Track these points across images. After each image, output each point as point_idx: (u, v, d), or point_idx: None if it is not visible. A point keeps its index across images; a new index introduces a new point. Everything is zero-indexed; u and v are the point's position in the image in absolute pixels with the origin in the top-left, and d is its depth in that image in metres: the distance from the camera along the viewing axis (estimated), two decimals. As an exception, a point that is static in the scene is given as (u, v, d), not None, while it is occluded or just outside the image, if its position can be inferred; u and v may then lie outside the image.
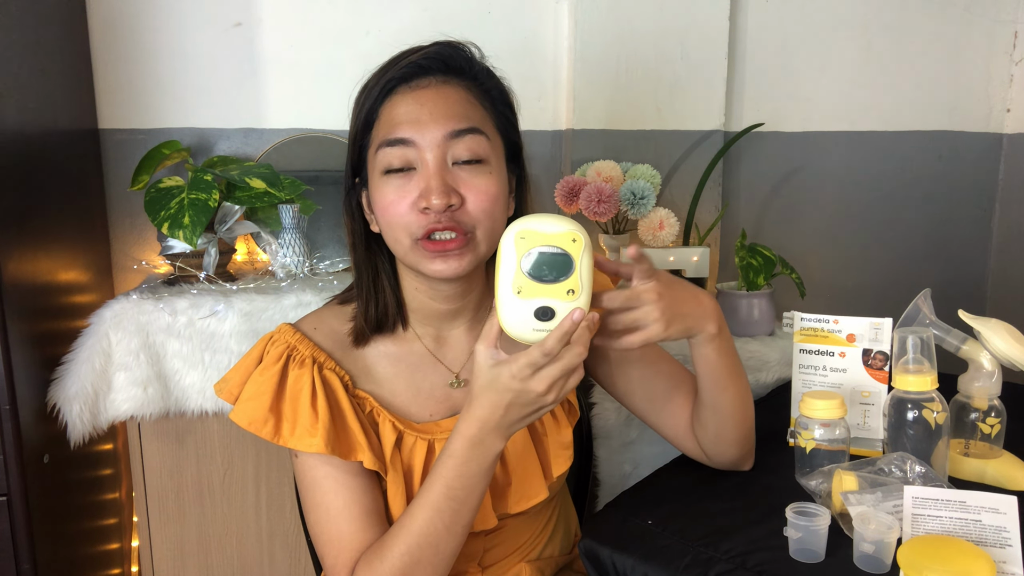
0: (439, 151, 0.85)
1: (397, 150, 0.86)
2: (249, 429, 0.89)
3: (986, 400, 1.01)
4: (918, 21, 2.00)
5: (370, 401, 0.94)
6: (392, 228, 0.87)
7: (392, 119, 0.87)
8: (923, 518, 0.81)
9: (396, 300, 0.96)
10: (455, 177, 0.86)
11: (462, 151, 0.86)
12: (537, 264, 0.76)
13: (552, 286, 0.76)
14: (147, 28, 1.61)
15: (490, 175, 0.88)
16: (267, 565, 1.43)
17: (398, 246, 0.89)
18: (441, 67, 0.89)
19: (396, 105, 0.87)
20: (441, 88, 0.88)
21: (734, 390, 0.94)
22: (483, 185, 0.87)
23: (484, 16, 1.75)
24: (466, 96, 0.89)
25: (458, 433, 0.82)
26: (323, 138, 1.69)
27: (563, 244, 0.76)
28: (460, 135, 0.86)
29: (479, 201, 0.86)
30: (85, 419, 1.28)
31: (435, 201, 0.83)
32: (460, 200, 0.86)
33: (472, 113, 0.88)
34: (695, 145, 1.83)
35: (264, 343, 0.94)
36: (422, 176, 0.85)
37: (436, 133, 0.85)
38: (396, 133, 0.86)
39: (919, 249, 2.13)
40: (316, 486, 0.90)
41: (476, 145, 0.87)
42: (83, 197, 1.56)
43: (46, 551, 1.25)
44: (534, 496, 0.96)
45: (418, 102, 0.87)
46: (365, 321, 0.95)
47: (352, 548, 0.88)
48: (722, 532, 0.89)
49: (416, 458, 0.94)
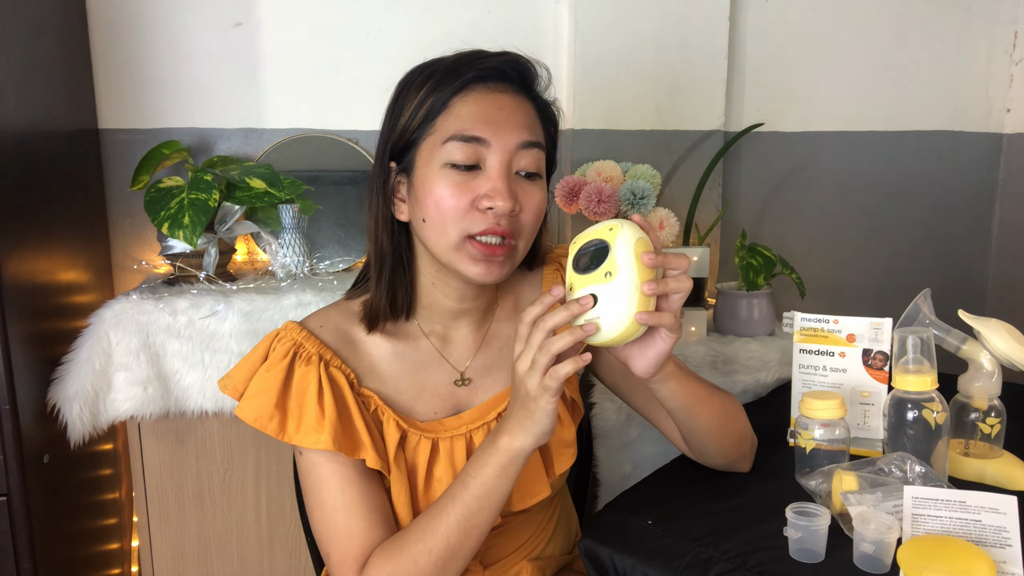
0: (509, 156, 0.87)
1: (470, 147, 0.86)
2: (254, 425, 0.90)
3: (986, 400, 1.01)
4: (918, 21, 2.00)
5: (375, 399, 0.94)
6: (443, 222, 0.87)
7: (469, 115, 0.87)
8: (923, 518, 0.81)
9: (410, 291, 0.96)
10: (516, 185, 0.88)
11: (527, 162, 0.89)
12: (580, 259, 0.80)
13: (593, 274, 0.78)
14: (147, 28, 1.62)
15: (542, 190, 0.91)
16: (267, 565, 1.43)
17: (443, 240, 0.88)
18: (518, 78, 0.91)
19: (474, 102, 0.88)
20: (516, 97, 0.90)
21: (706, 413, 0.94)
22: (537, 198, 0.90)
23: (484, 16, 1.75)
24: (534, 110, 0.92)
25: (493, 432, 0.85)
26: (323, 138, 1.69)
27: (601, 235, 0.79)
28: (529, 147, 0.89)
29: (531, 213, 0.89)
30: (85, 419, 1.28)
31: (501, 204, 0.85)
32: (520, 208, 0.88)
33: (538, 129, 0.91)
34: (695, 145, 1.83)
35: (270, 340, 0.94)
36: (488, 177, 0.87)
37: (511, 139, 0.87)
38: (473, 130, 0.86)
39: (919, 249, 2.13)
40: (322, 483, 0.90)
41: (539, 160, 0.90)
42: (83, 197, 1.56)
43: (46, 551, 1.25)
44: (537, 493, 0.97)
45: (497, 105, 0.88)
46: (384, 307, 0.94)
47: (361, 544, 0.88)
48: (722, 532, 0.89)
49: (420, 457, 0.94)
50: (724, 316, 1.59)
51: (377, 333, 0.96)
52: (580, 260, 0.80)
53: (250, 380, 0.92)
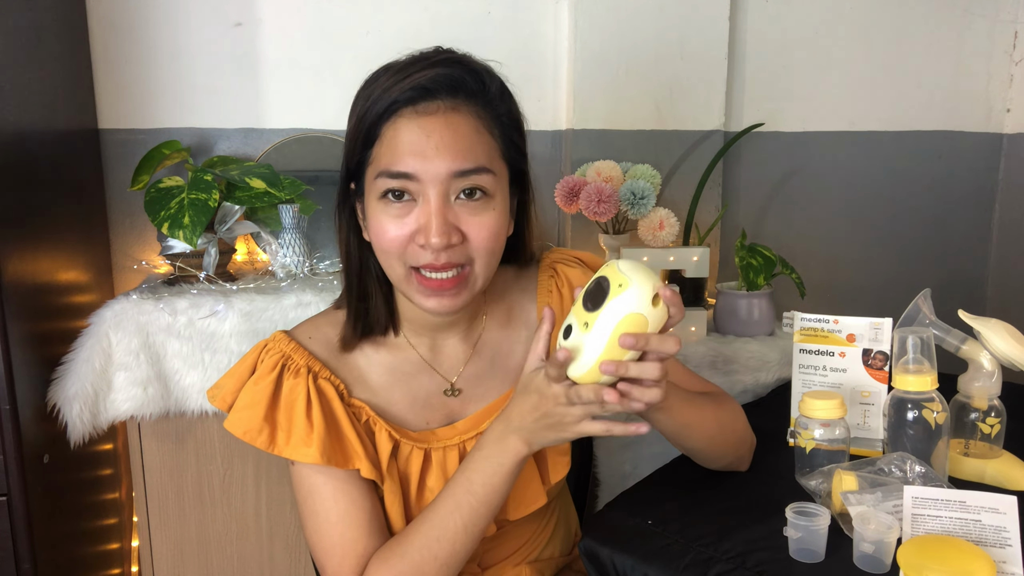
0: (442, 188, 0.82)
1: (398, 182, 0.82)
2: (244, 439, 0.89)
3: (986, 400, 1.01)
4: (918, 21, 2.00)
5: (366, 410, 0.93)
6: (387, 255, 0.86)
7: (395, 147, 0.82)
8: (923, 518, 0.81)
9: (388, 308, 0.94)
10: (456, 214, 0.83)
11: (466, 185, 0.83)
12: (593, 288, 0.77)
13: (582, 313, 0.77)
14: (147, 28, 1.61)
15: (493, 211, 0.85)
16: (267, 565, 1.43)
17: (392, 272, 0.87)
18: (450, 91, 0.83)
19: (400, 130, 0.82)
20: (449, 116, 0.82)
21: (698, 434, 0.93)
22: (485, 222, 0.84)
23: (484, 16, 1.75)
24: (475, 126, 0.84)
25: (487, 431, 0.85)
26: (323, 138, 1.69)
27: (613, 282, 0.75)
28: (466, 175, 0.82)
29: (480, 239, 0.84)
30: (85, 419, 1.28)
31: (434, 240, 0.81)
32: (461, 238, 0.83)
33: (479, 148, 0.84)
34: (695, 145, 1.83)
35: (258, 351, 0.93)
36: (423, 212, 0.82)
37: (441, 170, 0.81)
38: (398, 165, 0.82)
39: (919, 249, 2.13)
40: (315, 493, 0.90)
41: (481, 181, 0.84)
42: (83, 197, 1.56)
43: (46, 551, 1.25)
44: (532, 503, 0.96)
45: (424, 131, 0.81)
46: (354, 328, 0.93)
47: (357, 553, 0.88)
48: (722, 532, 0.89)
49: (413, 467, 0.93)
50: (724, 316, 1.59)
51: (366, 344, 0.95)
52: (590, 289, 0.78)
53: (238, 392, 0.91)
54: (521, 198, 0.94)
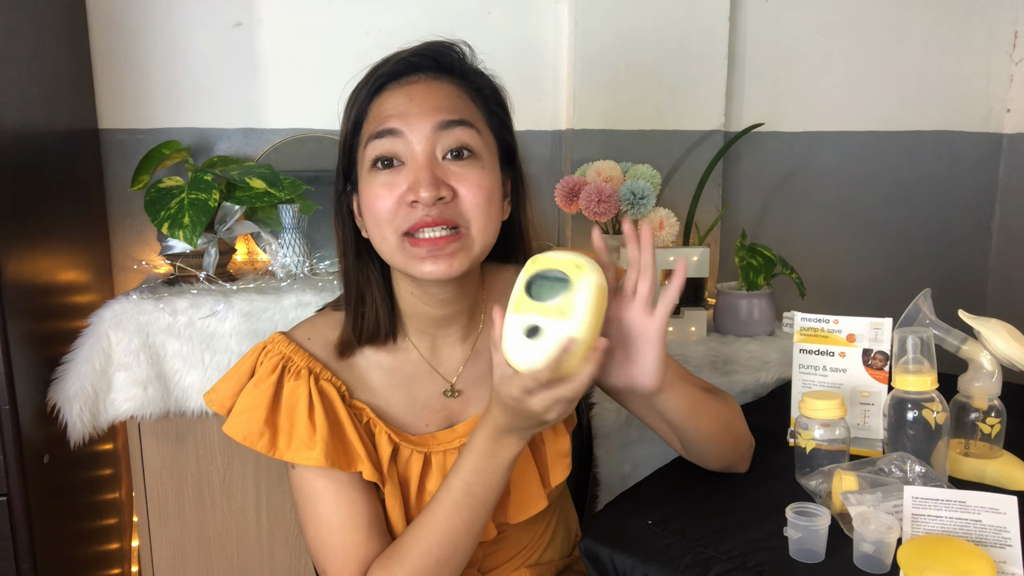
0: (428, 143, 0.84)
1: (385, 141, 0.84)
2: (244, 443, 0.88)
3: (986, 400, 1.01)
4: (918, 21, 2.00)
5: (367, 411, 0.93)
6: (379, 225, 0.85)
7: (381, 113, 0.86)
8: (923, 518, 0.81)
9: (389, 310, 0.94)
10: (445, 171, 0.84)
11: (452, 142, 0.84)
12: (537, 284, 0.76)
13: (544, 304, 0.75)
14: (147, 28, 1.62)
15: (483, 169, 0.86)
16: (267, 565, 1.43)
17: (384, 245, 0.86)
18: (432, 64, 0.88)
19: (385, 100, 0.86)
20: (431, 83, 0.87)
21: (707, 419, 0.93)
22: (475, 178, 0.85)
23: (484, 16, 1.75)
24: (456, 92, 0.88)
25: (479, 429, 0.83)
26: (323, 138, 1.69)
27: (566, 268, 0.76)
28: (449, 126, 0.84)
29: (471, 194, 0.84)
30: (85, 419, 1.28)
31: (424, 194, 0.81)
32: (451, 193, 0.83)
33: (463, 107, 0.87)
34: (695, 145, 1.83)
35: (256, 353, 0.92)
36: (411, 169, 0.84)
37: (425, 124, 0.84)
38: (384, 125, 0.84)
39: (919, 249, 2.13)
40: (315, 497, 0.89)
41: (467, 137, 0.85)
42: (83, 197, 1.56)
43: (46, 551, 1.25)
44: (533, 506, 0.96)
45: (407, 96, 0.85)
46: (353, 332, 0.93)
47: (358, 558, 0.87)
48: (722, 532, 0.89)
49: (412, 470, 0.93)
50: (724, 316, 1.59)
51: (366, 345, 0.94)
52: (535, 287, 0.76)
53: (237, 395, 0.90)
54: (515, 180, 0.94)
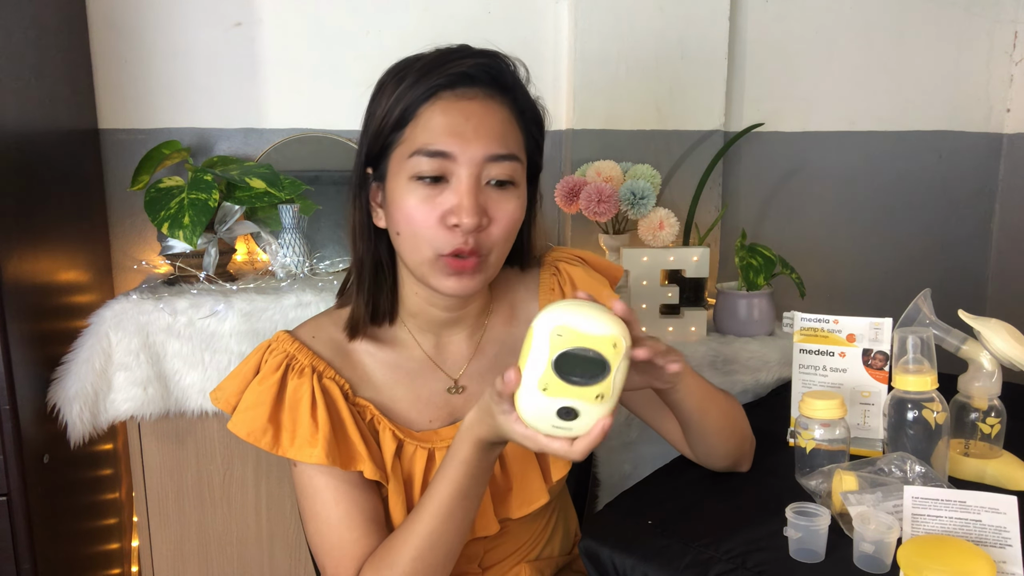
0: (477, 169, 0.84)
1: (436, 161, 0.83)
2: (248, 440, 0.89)
3: (986, 400, 1.01)
4: (918, 21, 2.00)
5: (371, 409, 0.93)
6: (415, 238, 0.85)
7: (434, 126, 0.84)
8: (923, 518, 0.81)
9: (392, 297, 0.95)
10: (486, 197, 0.85)
11: (498, 173, 0.85)
12: (570, 365, 0.70)
13: (581, 389, 0.70)
14: (147, 28, 1.62)
15: (517, 199, 0.87)
16: (267, 565, 1.43)
17: (416, 255, 0.86)
18: (488, 80, 0.86)
19: (439, 112, 0.84)
20: (487, 103, 0.85)
21: (715, 411, 0.94)
22: (510, 208, 0.86)
23: (484, 16, 1.75)
24: (508, 116, 0.87)
25: (464, 442, 0.82)
26: (323, 138, 1.69)
27: (602, 349, 0.70)
28: (500, 160, 0.85)
29: (503, 225, 0.86)
30: (85, 419, 1.28)
31: (467, 220, 0.82)
32: (488, 222, 0.85)
33: (513, 137, 0.87)
34: (695, 145, 1.83)
35: (261, 351, 0.92)
36: (455, 191, 0.84)
37: (478, 152, 0.83)
38: (437, 144, 0.83)
39: (919, 249, 2.13)
40: (316, 495, 0.90)
41: (512, 170, 0.86)
42: (83, 197, 1.56)
43: (46, 551, 1.25)
44: (535, 500, 0.96)
45: (463, 114, 0.84)
46: (365, 310, 0.93)
47: (354, 556, 0.88)
48: (722, 532, 0.89)
49: (416, 467, 0.93)
50: (724, 316, 1.59)
51: (369, 341, 0.95)
52: (567, 365, 0.70)
53: (242, 393, 0.91)
54: (531, 194, 0.95)
